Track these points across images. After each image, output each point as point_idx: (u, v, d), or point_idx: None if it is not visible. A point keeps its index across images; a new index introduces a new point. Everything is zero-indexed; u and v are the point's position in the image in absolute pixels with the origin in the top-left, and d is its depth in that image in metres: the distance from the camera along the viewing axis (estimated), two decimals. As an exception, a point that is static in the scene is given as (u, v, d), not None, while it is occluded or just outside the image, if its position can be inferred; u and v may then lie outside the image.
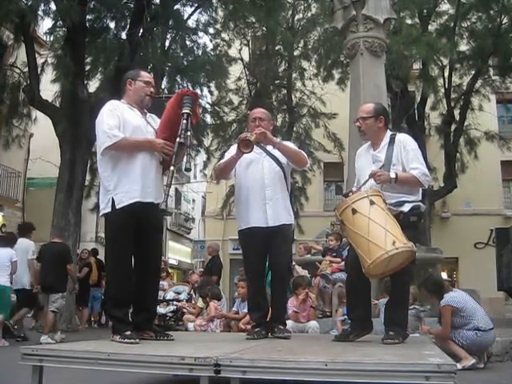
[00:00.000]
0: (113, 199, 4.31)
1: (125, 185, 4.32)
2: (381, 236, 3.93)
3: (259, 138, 4.71)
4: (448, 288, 6.64)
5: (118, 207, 4.28)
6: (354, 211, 4.09)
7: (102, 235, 23.35)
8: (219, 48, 19.00)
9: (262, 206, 4.81)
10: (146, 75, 4.72)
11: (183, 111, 4.37)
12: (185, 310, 10.06)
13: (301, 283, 7.41)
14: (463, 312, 6.18)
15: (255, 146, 4.81)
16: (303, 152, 5.09)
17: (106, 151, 4.32)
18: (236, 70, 20.21)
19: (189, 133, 4.35)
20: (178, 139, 4.28)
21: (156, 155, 4.49)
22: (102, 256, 15.04)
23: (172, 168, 4.36)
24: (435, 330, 6.48)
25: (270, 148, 4.91)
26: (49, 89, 14.60)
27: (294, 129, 20.61)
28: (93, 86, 15.55)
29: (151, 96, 4.67)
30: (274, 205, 4.83)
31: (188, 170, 4.56)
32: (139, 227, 4.36)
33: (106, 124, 4.32)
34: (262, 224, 4.80)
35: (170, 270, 17.56)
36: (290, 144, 5.11)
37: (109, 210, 4.33)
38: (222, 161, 5.14)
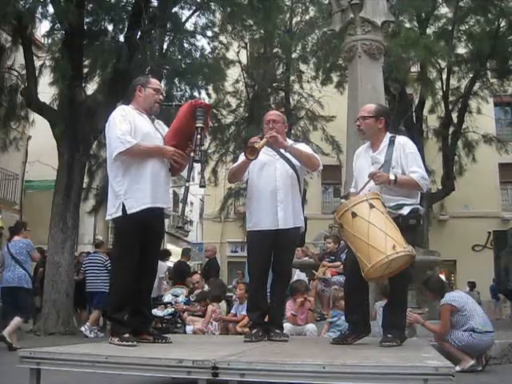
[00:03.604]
0: (123, 204, 4.33)
1: (135, 190, 4.35)
2: (381, 240, 3.93)
3: (270, 142, 4.73)
4: (448, 288, 6.70)
5: (128, 212, 4.31)
6: (354, 215, 4.09)
7: (100, 237, 23.38)
8: (217, 51, 18.98)
9: (273, 209, 4.82)
10: (155, 82, 4.75)
11: (197, 125, 4.38)
12: (186, 313, 9.99)
13: (299, 288, 7.38)
14: (462, 312, 6.19)
15: (269, 148, 4.87)
16: (316, 155, 5.07)
17: (118, 156, 4.34)
18: (234, 72, 20.21)
19: (203, 147, 4.38)
20: (192, 154, 4.31)
21: (165, 162, 4.53)
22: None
23: (187, 184, 4.40)
24: (433, 326, 6.49)
25: (283, 150, 4.92)
26: (47, 91, 14.58)
27: (292, 131, 20.60)
28: (91, 88, 15.53)
29: (160, 103, 4.70)
30: (285, 207, 4.83)
31: (203, 186, 4.59)
32: (144, 232, 4.39)
33: (118, 129, 4.34)
34: (273, 227, 4.82)
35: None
36: (302, 147, 5.07)
37: (119, 214, 4.35)
38: (235, 164, 5.18)
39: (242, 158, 4.91)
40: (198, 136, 4.34)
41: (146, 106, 4.63)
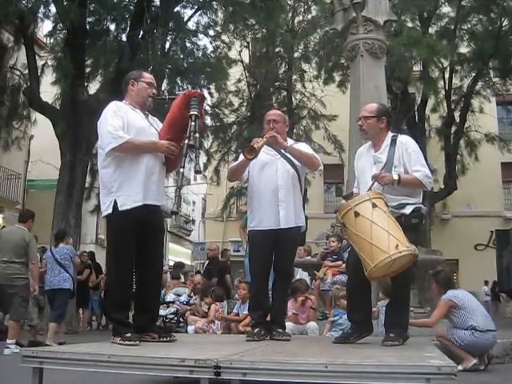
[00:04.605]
0: (115, 201, 4.27)
1: (127, 187, 4.29)
2: (384, 239, 3.92)
3: (270, 142, 4.73)
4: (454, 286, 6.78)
5: (120, 209, 4.25)
6: (357, 214, 4.08)
7: (103, 237, 23.39)
8: (219, 50, 19.02)
9: (275, 208, 4.81)
10: (148, 76, 4.68)
11: (191, 113, 4.33)
12: (188, 312, 10.01)
13: (299, 287, 7.37)
14: (463, 309, 6.20)
15: (270, 148, 4.86)
16: (316, 155, 5.06)
17: (111, 152, 4.28)
18: (236, 71, 20.21)
19: (197, 135, 4.32)
20: (186, 141, 4.25)
21: (159, 156, 4.47)
22: (99, 258, 15.09)
23: (182, 170, 4.32)
24: (420, 321, 6.52)
25: (283, 150, 4.91)
26: (49, 91, 14.61)
27: (294, 131, 20.61)
28: (93, 87, 15.55)
29: (153, 97, 4.64)
30: (286, 207, 4.83)
31: (198, 172, 4.56)
32: (141, 229, 4.34)
33: (110, 125, 4.28)
34: (274, 226, 4.81)
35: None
36: (302, 147, 5.06)
37: (110, 211, 4.29)
38: (235, 163, 5.19)
39: (242, 157, 4.92)
40: (193, 123, 4.29)
41: (139, 100, 4.56)
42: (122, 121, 4.34)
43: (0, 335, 9.23)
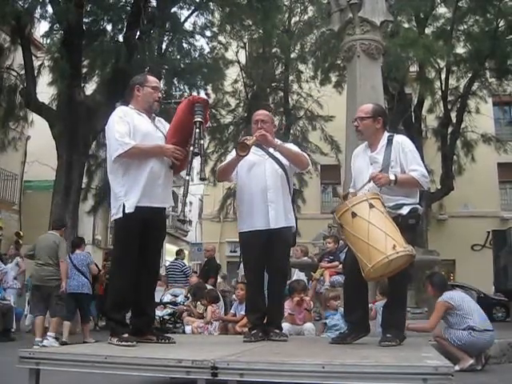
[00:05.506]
0: (124, 205, 4.31)
1: (135, 191, 4.32)
2: (381, 240, 3.92)
3: (260, 141, 4.72)
4: (449, 287, 6.79)
5: (127, 212, 4.29)
6: (354, 215, 4.07)
7: (99, 238, 23.37)
8: (216, 51, 19.01)
9: (264, 209, 4.81)
10: (153, 80, 4.69)
11: (195, 119, 4.35)
12: (185, 313, 10.00)
13: (296, 287, 7.37)
14: (459, 310, 6.22)
15: (258, 148, 4.86)
16: (305, 154, 5.08)
17: (118, 159, 4.32)
18: (233, 72, 20.23)
19: (202, 141, 4.34)
20: (191, 148, 4.27)
21: (166, 160, 4.49)
22: (96, 259, 15.04)
23: (187, 177, 4.36)
24: (419, 325, 6.52)
25: (272, 150, 4.90)
26: (45, 91, 14.59)
27: (291, 131, 20.63)
28: (90, 88, 15.54)
29: (159, 101, 4.67)
30: (276, 207, 4.82)
31: (203, 179, 4.57)
32: (144, 230, 4.38)
33: (116, 131, 4.31)
34: (264, 227, 4.80)
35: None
36: (291, 146, 5.07)
37: (120, 215, 4.33)
38: (224, 162, 5.19)
39: (229, 156, 4.94)
40: (197, 130, 4.31)
41: (145, 105, 4.58)
42: (127, 126, 4.37)
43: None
